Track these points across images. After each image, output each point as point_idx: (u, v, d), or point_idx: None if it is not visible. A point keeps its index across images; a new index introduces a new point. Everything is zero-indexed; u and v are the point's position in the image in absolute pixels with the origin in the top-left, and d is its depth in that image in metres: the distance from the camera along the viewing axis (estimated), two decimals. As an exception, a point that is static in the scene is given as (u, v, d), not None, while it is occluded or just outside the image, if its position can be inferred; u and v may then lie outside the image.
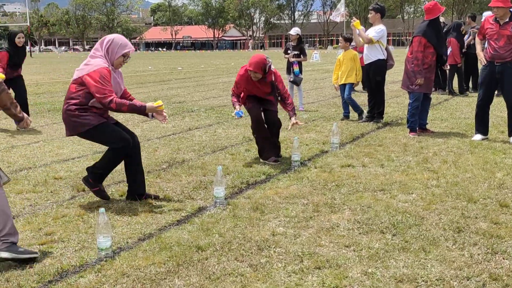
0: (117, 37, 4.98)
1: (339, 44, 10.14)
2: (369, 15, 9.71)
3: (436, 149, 7.25)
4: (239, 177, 5.97)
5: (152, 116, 5.07)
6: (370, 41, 9.29)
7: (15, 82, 9.56)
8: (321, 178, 5.90)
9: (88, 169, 5.15)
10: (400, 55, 9.47)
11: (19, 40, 9.34)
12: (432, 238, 4.08)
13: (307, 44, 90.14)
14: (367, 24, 9.79)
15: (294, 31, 11.49)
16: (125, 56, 4.98)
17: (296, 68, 11.22)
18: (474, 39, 9.71)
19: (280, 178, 5.95)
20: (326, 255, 3.81)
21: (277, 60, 42.33)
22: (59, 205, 5.05)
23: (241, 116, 6.58)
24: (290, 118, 6.67)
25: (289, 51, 11.39)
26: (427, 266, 3.61)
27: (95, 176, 5.08)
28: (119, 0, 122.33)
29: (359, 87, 14.10)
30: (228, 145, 7.80)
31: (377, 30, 9.35)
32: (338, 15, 28.03)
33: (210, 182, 5.66)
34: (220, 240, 4.10)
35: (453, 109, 11.25)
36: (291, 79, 11.30)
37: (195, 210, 4.87)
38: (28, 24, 78.79)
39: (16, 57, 9.43)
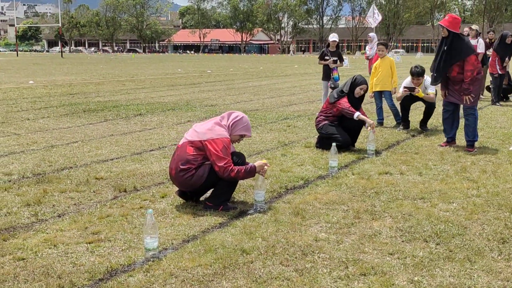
0: (245, 118, 5.25)
1: (379, 52, 10.11)
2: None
3: (474, 159, 7.20)
4: (277, 181, 6.00)
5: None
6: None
7: None
8: (359, 184, 5.90)
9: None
10: (429, 62, 9.47)
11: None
12: (477, 248, 4.06)
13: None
14: (396, 30, 9.93)
15: (336, 37, 11.50)
16: (242, 137, 5.24)
17: (336, 74, 11.26)
18: None
19: (318, 183, 5.97)
20: (371, 262, 3.82)
21: (305, 64, 42.39)
22: (102, 205, 5.14)
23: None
24: None
25: (326, 57, 11.39)
26: (474, 276, 3.59)
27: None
28: (148, 2, 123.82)
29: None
30: (264, 150, 7.84)
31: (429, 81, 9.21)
32: (375, 20, 27.85)
33: (249, 186, 5.71)
34: (264, 244, 4.14)
35: (488, 118, 11.13)
36: (332, 85, 11.29)
37: (236, 213, 4.92)
38: (59, 25, 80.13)
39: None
